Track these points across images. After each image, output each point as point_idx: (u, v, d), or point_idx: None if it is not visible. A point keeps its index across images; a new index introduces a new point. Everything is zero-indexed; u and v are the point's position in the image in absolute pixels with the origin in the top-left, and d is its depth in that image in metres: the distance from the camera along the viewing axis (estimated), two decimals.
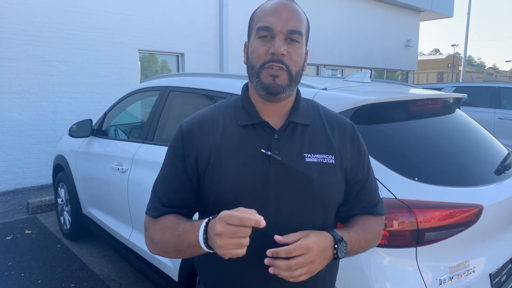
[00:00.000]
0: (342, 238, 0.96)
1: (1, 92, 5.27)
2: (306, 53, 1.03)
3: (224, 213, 0.83)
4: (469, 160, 1.95)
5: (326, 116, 1.08)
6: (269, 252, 0.89)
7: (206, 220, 0.89)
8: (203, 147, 1.00)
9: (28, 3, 5.33)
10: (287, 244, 0.89)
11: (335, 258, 0.95)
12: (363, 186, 1.07)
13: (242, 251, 0.83)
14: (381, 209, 1.12)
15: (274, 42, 0.94)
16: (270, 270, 0.89)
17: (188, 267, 2.09)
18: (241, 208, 0.84)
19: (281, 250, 0.88)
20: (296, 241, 0.89)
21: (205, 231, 0.88)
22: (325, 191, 1.00)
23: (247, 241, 0.83)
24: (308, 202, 0.99)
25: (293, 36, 0.95)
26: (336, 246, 0.94)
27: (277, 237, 0.90)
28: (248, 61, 1.00)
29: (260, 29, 0.96)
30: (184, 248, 0.94)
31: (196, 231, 0.90)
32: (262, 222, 0.81)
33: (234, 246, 0.82)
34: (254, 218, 0.81)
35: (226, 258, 0.84)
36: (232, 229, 0.81)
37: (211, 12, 7.45)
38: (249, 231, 0.82)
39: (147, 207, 1.07)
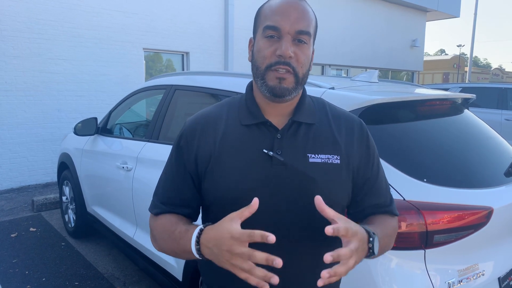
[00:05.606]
0: (374, 233, 0.88)
1: (7, 90, 5.29)
2: (313, 53, 0.99)
3: (239, 232, 0.78)
4: (479, 162, 1.92)
5: (333, 114, 1.04)
6: (327, 256, 0.76)
7: (198, 230, 0.87)
8: (204, 147, 0.99)
9: (32, 1, 5.34)
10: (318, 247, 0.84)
11: (370, 254, 0.87)
12: (372, 185, 1.03)
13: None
14: (395, 209, 1.08)
15: (281, 44, 0.90)
16: (319, 283, 0.77)
17: (193, 267, 2.08)
18: (233, 213, 0.82)
19: (340, 228, 0.78)
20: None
21: (197, 242, 0.86)
22: (329, 193, 0.95)
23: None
24: (311, 204, 0.93)
25: (301, 37, 0.91)
26: (371, 239, 0.86)
27: (328, 229, 0.78)
28: (253, 60, 0.97)
29: (267, 28, 0.92)
30: (180, 252, 0.93)
31: (190, 239, 0.88)
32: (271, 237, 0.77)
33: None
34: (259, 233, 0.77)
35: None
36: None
37: (217, 11, 7.44)
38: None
39: (150, 205, 1.07)
